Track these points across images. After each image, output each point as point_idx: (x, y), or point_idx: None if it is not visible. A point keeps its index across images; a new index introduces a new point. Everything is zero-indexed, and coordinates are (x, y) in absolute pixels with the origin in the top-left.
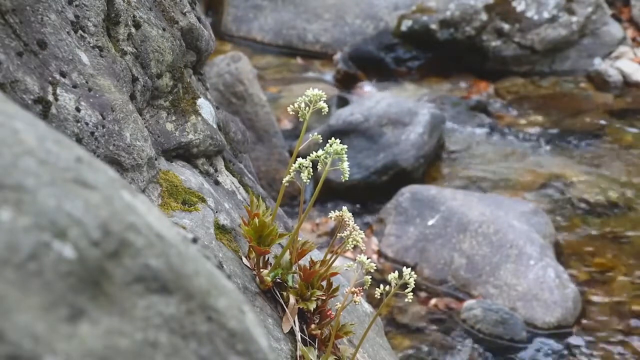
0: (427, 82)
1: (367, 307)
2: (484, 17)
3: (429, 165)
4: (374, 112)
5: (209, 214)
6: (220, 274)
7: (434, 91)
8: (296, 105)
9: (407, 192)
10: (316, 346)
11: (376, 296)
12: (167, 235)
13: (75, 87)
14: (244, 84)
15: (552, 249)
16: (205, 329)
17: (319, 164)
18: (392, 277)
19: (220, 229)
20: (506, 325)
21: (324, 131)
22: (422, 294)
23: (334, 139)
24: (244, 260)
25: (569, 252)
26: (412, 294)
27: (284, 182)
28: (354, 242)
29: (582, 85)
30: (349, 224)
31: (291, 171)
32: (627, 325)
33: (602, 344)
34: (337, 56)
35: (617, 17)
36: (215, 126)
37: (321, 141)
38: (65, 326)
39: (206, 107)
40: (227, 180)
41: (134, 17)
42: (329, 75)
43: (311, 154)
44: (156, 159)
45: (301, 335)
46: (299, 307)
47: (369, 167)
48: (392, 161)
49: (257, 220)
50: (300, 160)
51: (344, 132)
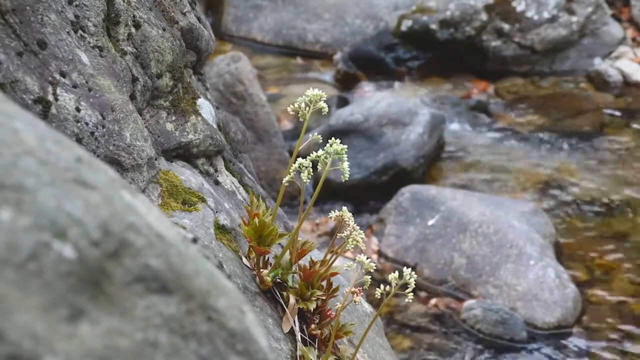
0: (427, 82)
1: (367, 307)
2: (484, 17)
3: (429, 165)
4: (374, 112)
5: (209, 214)
6: (220, 274)
7: (434, 91)
8: (296, 105)
9: (407, 192)
10: (316, 346)
11: (376, 296)
12: (167, 235)
13: (75, 87)
14: (244, 84)
15: (552, 249)
16: (205, 329)
17: (319, 164)
18: (392, 277)
19: (220, 229)
20: (506, 325)
21: (324, 131)
22: (422, 294)
23: (334, 139)
24: (244, 260)
25: (569, 252)
26: (412, 294)
27: (284, 182)
28: (354, 242)
29: (582, 85)
30: (349, 224)
31: (291, 171)
32: (627, 325)
33: (602, 344)
34: (337, 56)
35: (617, 17)
36: (215, 126)
37: (321, 141)
38: (65, 326)
39: (206, 107)
40: (227, 180)
41: (134, 17)
42: (329, 75)
43: (311, 154)
44: (156, 159)
45: (301, 335)
46: (299, 307)
47: (369, 167)
48: (392, 161)
49: (257, 220)
50: (300, 160)
51: (344, 132)
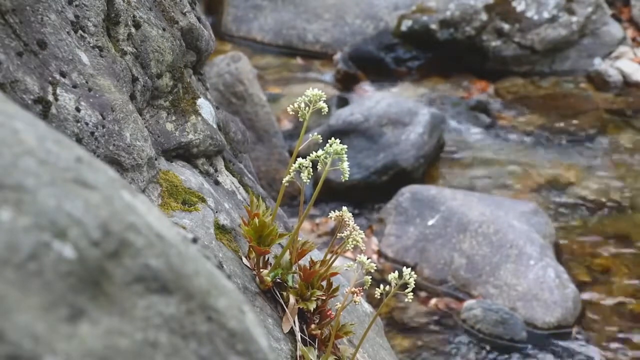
0: (427, 82)
1: (367, 307)
2: (484, 17)
3: (429, 165)
4: (374, 112)
5: (209, 214)
6: (220, 274)
7: (434, 91)
8: (296, 105)
9: (407, 192)
10: (316, 346)
11: (376, 296)
12: (167, 235)
13: (75, 87)
14: (244, 84)
15: (552, 249)
16: (205, 329)
17: (319, 164)
18: (392, 277)
19: (220, 229)
20: (506, 325)
21: (324, 131)
22: (422, 294)
23: (334, 139)
24: (244, 260)
25: (569, 252)
26: (412, 294)
27: (284, 182)
28: (354, 242)
29: (582, 85)
30: (349, 224)
31: (291, 171)
32: (627, 325)
33: (602, 344)
34: (337, 56)
35: (617, 17)
36: (215, 126)
37: (321, 141)
38: (65, 326)
39: (206, 107)
40: (227, 180)
41: (134, 17)
42: (329, 75)
43: (311, 154)
44: (156, 159)
45: (301, 335)
46: (299, 307)
47: (369, 167)
48: (392, 161)
49: (257, 220)
50: (300, 160)
51: (344, 132)
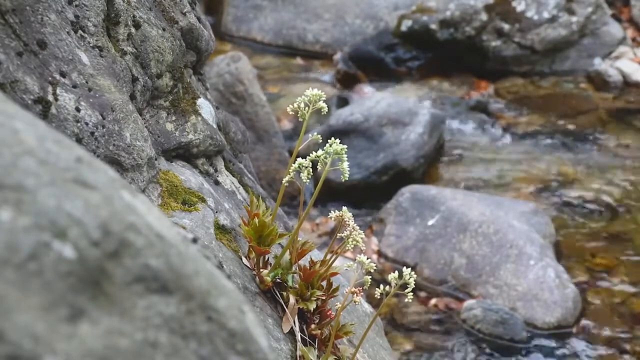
0: (427, 82)
1: (367, 307)
2: (484, 17)
3: (429, 165)
4: (374, 112)
5: (209, 214)
6: (220, 274)
7: (434, 91)
8: (296, 105)
9: (407, 192)
10: (316, 346)
11: (376, 296)
12: (167, 235)
13: (75, 87)
14: (244, 84)
15: (552, 249)
16: (205, 329)
17: (319, 164)
18: (392, 277)
19: (220, 229)
20: (506, 325)
21: (324, 131)
22: (422, 294)
23: (333, 139)
24: (244, 260)
25: (569, 252)
26: (412, 294)
27: (284, 182)
28: (354, 242)
29: (582, 85)
30: (349, 224)
31: (291, 171)
32: (627, 325)
33: (602, 344)
34: (337, 56)
35: (617, 17)
36: (215, 126)
37: (321, 141)
38: (65, 326)
39: (206, 107)
40: (227, 180)
41: (134, 17)
42: (329, 75)
43: (311, 154)
44: (156, 159)
45: (301, 335)
46: (299, 307)
47: (369, 167)
48: (392, 161)
49: (257, 220)
50: (300, 160)
51: (344, 132)
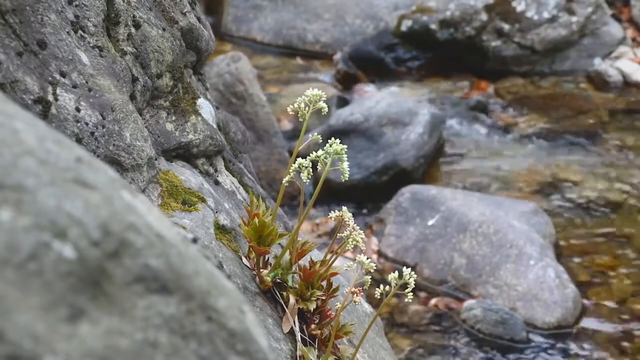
0: (427, 82)
1: (367, 307)
2: (484, 17)
3: (429, 165)
4: (374, 112)
5: (209, 214)
6: (220, 274)
7: (434, 91)
8: (296, 105)
9: (407, 192)
10: (316, 346)
11: (376, 296)
12: (167, 235)
13: (75, 87)
14: (244, 84)
15: (552, 249)
16: (205, 329)
17: (319, 164)
18: (392, 277)
19: (220, 229)
20: (506, 325)
21: (324, 131)
22: (422, 294)
23: (333, 139)
24: (244, 260)
25: (569, 252)
26: (412, 294)
27: (284, 182)
28: (354, 242)
29: (582, 85)
30: (349, 224)
31: (291, 171)
32: (627, 325)
33: (602, 344)
34: (337, 56)
35: (617, 17)
36: (215, 126)
37: (321, 141)
38: (65, 326)
39: (206, 107)
40: (227, 180)
41: (134, 17)
42: (329, 75)
43: (311, 154)
44: (156, 159)
45: (301, 335)
46: (299, 307)
47: (369, 167)
48: (392, 161)
49: (257, 220)
50: (300, 160)
51: (344, 132)
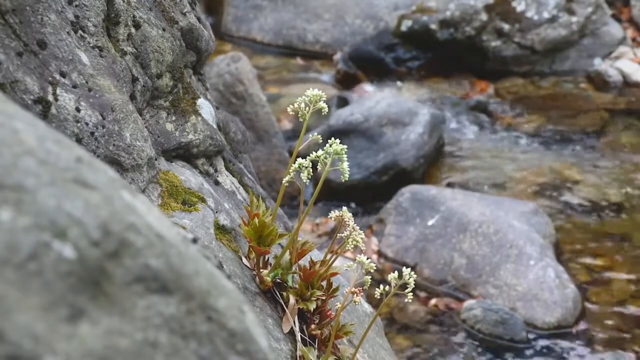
0: (427, 82)
1: (367, 307)
2: (484, 17)
3: (429, 165)
4: (374, 112)
5: (209, 214)
6: (220, 274)
7: (434, 91)
8: (296, 105)
9: (407, 192)
10: (316, 346)
11: (376, 296)
12: (167, 235)
13: (75, 87)
14: (244, 84)
15: (552, 249)
16: (205, 329)
17: (319, 164)
18: (392, 277)
19: (220, 229)
20: (506, 325)
21: (324, 131)
22: (422, 294)
23: (333, 139)
24: (244, 260)
25: (569, 252)
26: (412, 294)
27: (283, 182)
28: (354, 242)
29: (582, 85)
30: (349, 224)
31: (291, 171)
32: (627, 325)
33: (601, 344)
34: (337, 56)
35: (617, 17)
36: (215, 126)
37: (321, 141)
38: (65, 326)
39: (206, 107)
40: (227, 180)
41: (134, 17)
42: (329, 75)
43: (311, 154)
44: (156, 159)
45: (301, 335)
46: (299, 307)
47: (369, 167)
48: (392, 161)
49: (257, 220)
50: (300, 160)
51: (344, 132)
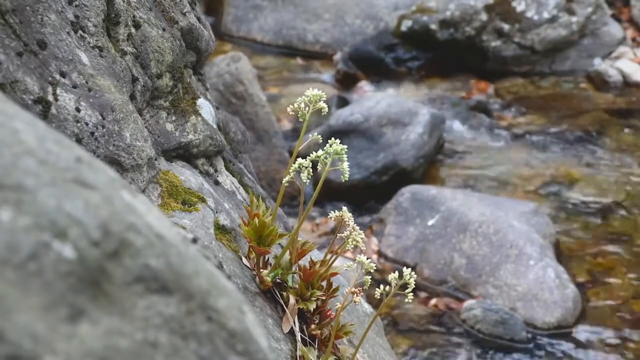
0: (427, 82)
1: (367, 307)
2: (484, 17)
3: (429, 165)
4: (374, 112)
5: (209, 214)
6: (220, 274)
7: (434, 91)
8: (296, 105)
9: (407, 192)
10: (316, 346)
11: (376, 296)
12: (167, 235)
13: (75, 87)
14: (244, 84)
15: (552, 249)
16: (205, 329)
17: (319, 164)
18: (392, 277)
19: (220, 229)
20: (506, 325)
21: (324, 131)
22: (422, 294)
23: (333, 139)
24: (244, 260)
25: (569, 252)
26: (412, 294)
27: (283, 182)
28: (354, 242)
29: (582, 85)
30: (349, 224)
31: (291, 171)
32: (627, 325)
33: (601, 344)
34: (337, 56)
35: (617, 17)
36: (215, 126)
37: (321, 141)
38: (65, 326)
39: (206, 107)
40: (227, 180)
41: (134, 17)
42: (329, 75)
43: (311, 154)
44: (156, 159)
45: (301, 335)
46: (299, 307)
47: (369, 167)
48: (392, 161)
49: (257, 220)
50: (300, 160)
51: (344, 132)
